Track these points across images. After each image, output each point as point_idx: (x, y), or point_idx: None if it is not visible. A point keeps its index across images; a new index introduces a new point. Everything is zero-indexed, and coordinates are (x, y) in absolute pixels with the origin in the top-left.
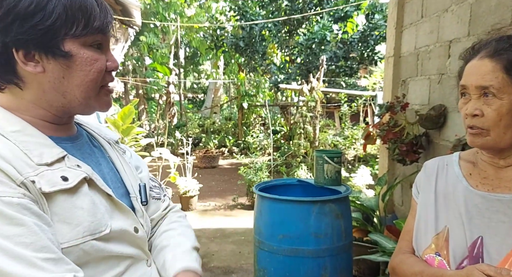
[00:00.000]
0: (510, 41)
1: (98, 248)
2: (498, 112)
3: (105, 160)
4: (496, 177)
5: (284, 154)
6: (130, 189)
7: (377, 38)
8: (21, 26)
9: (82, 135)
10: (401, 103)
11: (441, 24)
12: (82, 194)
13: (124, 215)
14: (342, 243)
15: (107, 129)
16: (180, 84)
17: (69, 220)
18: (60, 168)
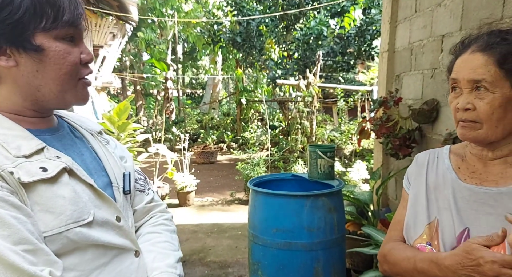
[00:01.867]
0: (501, 35)
1: (83, 236)
2: (490, 105)
3: (88, 150)
4: (484, 171)
5: (281, 149)
6: (113, 178)
7: (374, 33)
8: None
9: (63, 126)
10: (394, 98)
11: (434, 18)
12: (62, 184)
13: (106, 204)
14: (335, 236)
15: (89, 120)
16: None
17: (51, 209)
18: (39, 159)
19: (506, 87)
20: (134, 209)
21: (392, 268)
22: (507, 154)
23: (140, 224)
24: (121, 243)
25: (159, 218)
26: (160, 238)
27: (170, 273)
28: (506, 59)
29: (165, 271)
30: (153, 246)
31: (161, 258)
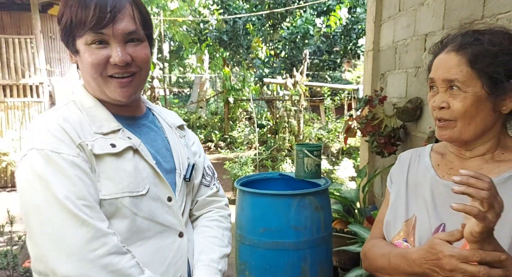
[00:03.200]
0: (474, 35)
1: (134, 205)
2: (463, 104)
3: (161, 138)
4: (462, 167)
5: (269, 148)
6: (178, 165)
7: (359, 31)
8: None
9: (148, 116)
10: (379, 96)
11: (417, 17)
12: (126, 159)
13: (162, 184)
14: (322, 235)
15: (174, 115)
16: (164, 79)
17: (113, 178)
18: (113, 138)
19: (478, 86)
20: (197, 200)
21: (372, 264)
22: (484, 153)
23: (199, 213)
24: (167, 221)
25: (215, 214)
26: (211, 233)
27: (211, 267)
28: (477, 59)
29: (207, 264)
30: (203, 240)
31: (207, 252)
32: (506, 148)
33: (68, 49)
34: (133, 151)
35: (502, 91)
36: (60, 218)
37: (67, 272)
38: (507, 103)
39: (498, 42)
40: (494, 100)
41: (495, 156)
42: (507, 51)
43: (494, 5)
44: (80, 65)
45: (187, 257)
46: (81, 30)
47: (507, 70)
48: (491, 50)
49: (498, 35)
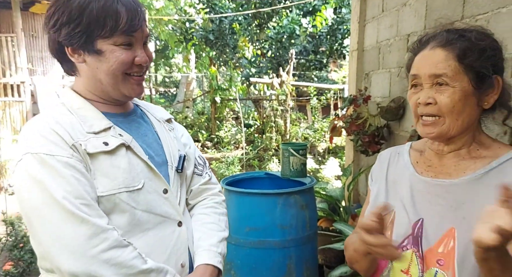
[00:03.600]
0: (459, 32)
1: (132, 199)
2: (451, 99)
3: (151, 133)
4: (439, 165)
5: (256, 148)
6: (169, 158)
7: (344, 32)
8: (67, 29)
9: (136, 112)
10: (364, 96)
11: (400, 18)
12: (119, 156)
13: (156, 177)
14: (307, 233)
15: (161, 109)
16: (150, 78)
17: (108, 175)
18: (105, 136)
19: (465, 81)
20: (191, 189)
21: (347, 255)
22: (460, 147)
23: (195, 202)
24: (165, 211)
25: (210, 201)
26: (207, 219)
27: (211, 251)
28: (465, 54)
29: (207, 249)
30: (201, 227)
31: (205, 237)
32: (481, 144)
33: (78, 48)
34: (125, 148)
35: (488, 86)
36: (60, 217)
37: (71, 268)
38: (489, 98)
39: (483, 37)
40: (479, 95)
41: (471, 152)
42: (492, 47)
43: (473, 6)
44: (97, 64)
45: (187, 245)
46: (110, 32)
47: (493, 65)
48: (479, 45)
49: (480, 32)
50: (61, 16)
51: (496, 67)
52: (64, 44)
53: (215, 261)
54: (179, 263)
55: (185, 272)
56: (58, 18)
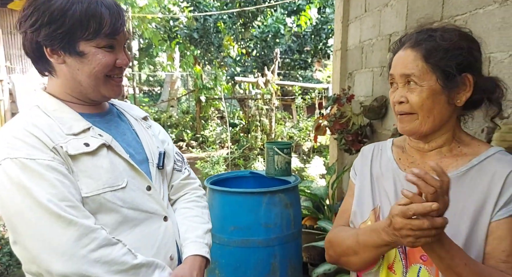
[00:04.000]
0: (428, 32)
1: (117, 198)
2: (419, 97)
3: (130, 131)
4: (422, 162)
5: (241, 147)
6: (149, 155)
7: (328, 31)
8: (48, 29)
9: (112, 112)
10: (347, 95)
11: (382, 18)
12: (101, 157)
13: (139, 175)
14: (291, 231)
15: (137, 108)
16: (134, 77)
17: (92, 176)
18: (85, 137)
19: (433, 80)
20: (172, 185)
21: (337, 249)
22: (441, 145)
23: (176, 197)
24: (150, 207)
25: (192, 195)
26: (191, 213)
27: (198, 242)
28: (431, 54)
29: (194, 241)
30: (185, 220)
31: (191, 230)
32: (461, 142)
33: (59, 49)
34: (106, 148)
35: (455, 84)
36: (46, 221)
37: (62, 270)
38: (461, 96)
39: (449, 37)
40: (448, 93)
41: (452, 150)
42: (457, 46)
43: (452, 6)
44: (78, 65)
45: (175, 238)
46: (93, 34)
47: (458, 64)
48: (442, 45)
49: (450, 31)
50: (41, 16)
51: (463, 66)
52: (43, 45)
53: (203, 252)
54: (168, 256)
55: (174, 264)
56: (37, 18)
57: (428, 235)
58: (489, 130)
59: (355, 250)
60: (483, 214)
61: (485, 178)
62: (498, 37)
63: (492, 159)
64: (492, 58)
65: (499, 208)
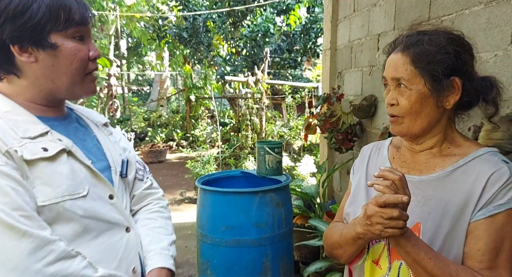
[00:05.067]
0: (418, 36)
1: (77, 207)
2: (408, 101)
3: (90, 137)
4: (412, 161)
5: (232, 146)
6: (112, 163)
7: (318, 31)
8: (13, 24)
9: (71, 116)
10: (337, 94)
11: (371, 18)
12: (61, 163)
13: (101, 183)
14: (283, 230)
15: (97, 114)
16: (122, 76)
17: (50, 183)
18: (42, 141)
19: (421, 84)
20: (133, 194)
21: (328, 243)
22: (432, 147)
23: (138, 207)
24: (112, 217)
25: (155, 205)
26: (155, 224)
27: (163, 254)
28: (418, 59)
29: (158, 252)
30: (149, 231)
31: (155, 241)
32: (453, 142)
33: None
34: (66, 153)
35: (443, 88)
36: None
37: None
38: (450, 99)
39: (437, 42)
40: (437, 97)
41: (442, 150)
42: (444, 51)
43: (439, 7)
44: (52, 61)
45: (137, 250)
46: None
47: (445, 68)
48: (429, 50)
49: (439, 35)
50: (3, 11)
51: (450, 70)
52: (10, 43)
53: (168, 264)
54: (131, 269)
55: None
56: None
57: (395, 226)
58: (475, 129)
59: (340, 243)
60: (464, 214)
61: (469, 178)
62: (484, 37)
63: (479, 159)
64: (478, 58)
65: (478, 209)
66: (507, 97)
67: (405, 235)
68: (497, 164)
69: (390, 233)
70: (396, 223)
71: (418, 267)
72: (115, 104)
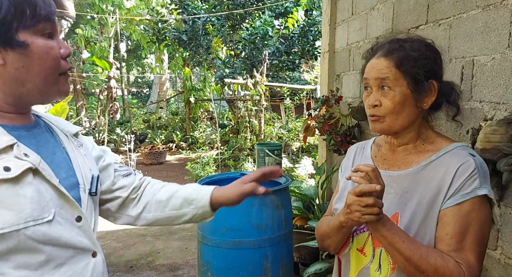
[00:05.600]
0: (399, 43)
1: (41, 234)
2: (392, 101)
3: (60, 150)
4: (392, 158)
5: (231, 148)
6: (81, 180)
7: (316, 33)
8: None
9: (40, 124)
10: (335, 96)
11: (368, 21)
12: (25, 184)
13: (68, 204)
14: (283, 232)
15: (66, 122)
16: (122, 79)
17: (11, 207)
18: (5, 158)
19: (404, 85)
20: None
21: (318, 234)
22: (407, 142)
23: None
24: (79, 242)
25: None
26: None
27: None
28: (402, 63)
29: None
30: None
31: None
32: (427, 139)
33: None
34: (32, 172)
35: (423, 89)
36: None
37: None
38: (427, 100)
39: (418, 48)
40: (417, 97)
41: (417, 147)
42: (424, 56)
43: (436, 11)
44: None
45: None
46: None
47: (426, 71)
48: (412, 55)
49: (417, 42)
50: None
51: (430, 73)
52: None
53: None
54: None
55: None
56: None
57: (371, 212)
58: (473, 132)
59: (328, 233)
60: (436, 203)
61: (440, 171)
62: (481, 40)
63: (450, 154)
64: (476, 61)
65: (448, 197)
66: (505, 100)
67: (381, 221)
68: (464, 157)
69: (367, 219)
70: (372, 209)
71: (393, 250)
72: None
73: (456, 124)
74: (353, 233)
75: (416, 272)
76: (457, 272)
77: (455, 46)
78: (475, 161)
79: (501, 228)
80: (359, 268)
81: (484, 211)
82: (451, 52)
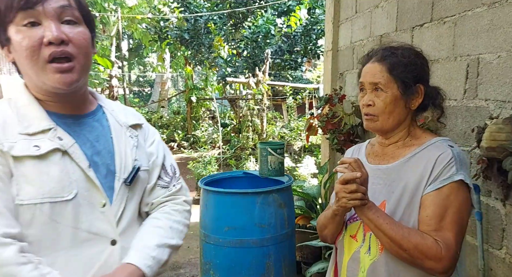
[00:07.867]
0: (391, 50)
1: (56, 212)
2: (384, 102)
3: (105, 138)
4: (382, 154)
5: (233, 147)
6: (118, 168)
7: (318, 32)
8: None
9: (95, 114)
10: (339, 95)
11: (373, 19)
12: (51, 163)
13: (94, 188)
14: (285, 231)
15: (129, 113)
16: (124, 78)
17: (33, 182)
18: (40, 139)
19: (395, 88)
20: (152, 202)
21: (318, 225)
22: (397, 140)
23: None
24: (97, 228)
25: (168, 208)
26: (156, 223)
27: (143, 252)
28: (393, 68)
29: (139, 250)
30: (145, 228)
31: (144, 239)
32: (414, 136)
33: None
34: (61, 153)
35: (411, 92)
36: None
37: None
38: (415, 102)
39: (408, 55)
40: (406, 99)
41: (405, 143)
42: (413, 63)
43: (441, 8)
44: (15, 56)
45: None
46: (9, 13)
47: (414, 76)
48: (403, 61)
49: (407, 50)
50: None
51: (418, 78)
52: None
53: (141, 263)
54: None
55: None
56: None
57: (355, 198)
58: (479, 130)
59: (325, 224)
60: (419, 189)
61: (422, 162)
62: (487, 38)
63: (431, 146)
64: (481, 59)
65: (429, 184)
66: (511, 98)
67: (367, 205)
68: (443, 148)
69: (353, 204)
70: (356, 195)
71: (379, 231)
72: None
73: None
74: (347, 222)
75: (399, 250)
76: (435, 248)
77: (460, 44)
78: (452, 151)
79: (506, 228)
80: (351, 252)
81: (462, 195)
82: (456, 50)
